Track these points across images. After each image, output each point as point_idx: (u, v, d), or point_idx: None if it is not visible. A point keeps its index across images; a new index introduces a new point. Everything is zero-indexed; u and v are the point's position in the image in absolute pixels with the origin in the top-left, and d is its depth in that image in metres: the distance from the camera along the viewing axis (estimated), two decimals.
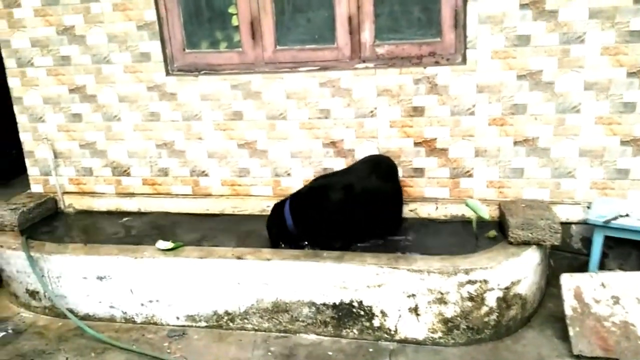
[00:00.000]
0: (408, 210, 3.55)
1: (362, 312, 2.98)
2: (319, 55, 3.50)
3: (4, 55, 3.91)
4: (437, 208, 3.55)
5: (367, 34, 3.39)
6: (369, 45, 3.41)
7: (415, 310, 2.92)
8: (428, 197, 3.57)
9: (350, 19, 3.37)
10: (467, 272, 2.84)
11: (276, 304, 3.07)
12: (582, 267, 3.26)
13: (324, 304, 3.01)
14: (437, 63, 3.36)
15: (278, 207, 3.36)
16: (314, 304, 3.02)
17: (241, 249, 3.16)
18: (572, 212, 3.37)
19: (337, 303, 2.99)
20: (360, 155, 3.58)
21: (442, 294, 2.87)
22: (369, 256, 2.98)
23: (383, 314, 2.96)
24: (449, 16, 3.27)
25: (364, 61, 3.45)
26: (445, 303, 2.89)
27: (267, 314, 3.10)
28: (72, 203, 4.10)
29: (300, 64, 3.53)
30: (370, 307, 2.96)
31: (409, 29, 3.38)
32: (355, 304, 2.97)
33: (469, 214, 3.34)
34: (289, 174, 3.73)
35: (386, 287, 2.91)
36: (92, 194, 4.07)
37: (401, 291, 2.90)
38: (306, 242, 3.27)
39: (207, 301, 3.17)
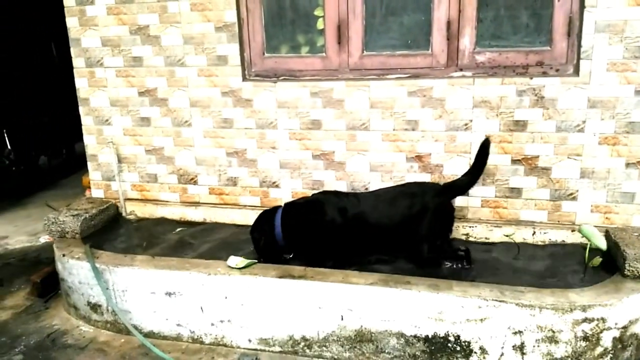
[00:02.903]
0: (503, 235, 3.22)
1: (458, 348, 2.66)
2: (411, 62, 3.23)
3: (72, 54, 3.76)
4: (534, 233, 3.21)
5: (466, 40, 3.11)
6: (468, 53, 3.13)
7: (520, 348, 2.60)
8: (524, 220, 3.24)
9: (449, 24, 3.09)
10: (584, 309, 2.51)
11: (360, 333, 2.78)
12: None
13: (415, 336, 2.71)
14: (545, 74, 3.05)
15: (267, 215, 3.17)
16: (403, 335, 2.72)
17: (323, 270, 2.89)
18: None
19: (430, 336, 2.68)
20: (448, 172, 3.29)
21: (553, 332, 2.54)
22: (470, 286, 2.67)
23: (483, 350, 2.64)
24: (562, 23, 2.97)
25: (461, 69, 3.16)
26: (556, 342, 2.56)
27: (349, 342, 2.81)
28: (134, 210, 3.90)
29: (388, 71, 3.27)
30: (469, 342, 2.64)
31: (514, 35, 3.09)
32: (452, 338, 2.66)
33: (572, 239, 3.00)
34: (366, 188, 3.45)
35: (489, 321, 2.59)
36: (155, 201, 3.88)
37: (506, 327, 2.58)
38: (291, 256, 3.15)
39: (283, 324, 2.90)
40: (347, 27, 3.26)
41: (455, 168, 3.26)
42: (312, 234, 3.07)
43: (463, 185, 3.02)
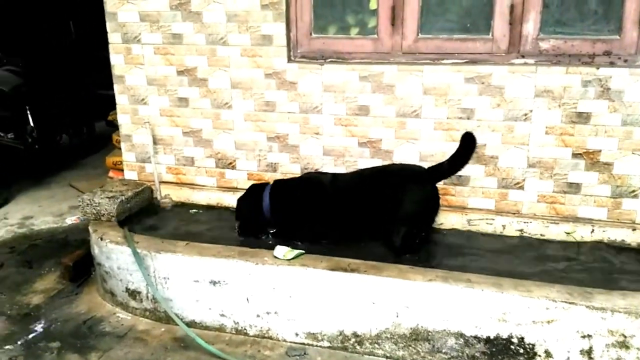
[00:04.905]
0: (563, 232, 3.09)
1: (521, 350, 2.55)
2: (469, 46, 3.07)
3: (108, 29, 3.60)
4: (593, 231, 3.07)
5: (530, 26, 2.94)
6: (531, 39, 2.96)
7: (588, 353, 2.48)
8: (582, 217, 3.11)
9: (512, 8, 2.93)
10: None
11: (416, 331, 2.67)
12: None
13: (475, 337, 2.59)
14: (612, 64, 2.89)
15: (256, 189, 3.21)
16: (462, 335, 2.61)
17: (378, 264, 2.77)
18: None
19: (492, 337, 2.57)
20: (504, 164, 3.15)
21: (625, 336, 2.42)
22: (534, 286, 2.54)
23: (547, 354, 2.52)
24: (633, 10, 2.80)
25: (523, 56, 3.00)
26: (627, 347, 2.44)
27: (404, 340, 2.70)
28: (169, 194, 3.77)
29: (444, 56, 3.11)
30: (533, 345, 2.53)
31: (581, 22, 2.92)
32: (515, 340, 2.54)
33: (632, 237, 2.86)
34: None
35: (557, 324, 2.47)
36: (191, 185, 3.74)
37: (575, 330, 2.46)
38: (273, 230, 3.19)
39: (332, 319, 2.79)
40: (402, 8, 3.09)
41: (511, 160, 3.12)
42: (300, 209, 3.09)
43: (447, 169, 2.96)
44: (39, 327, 3.07)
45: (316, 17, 3.28)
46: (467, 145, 2.87)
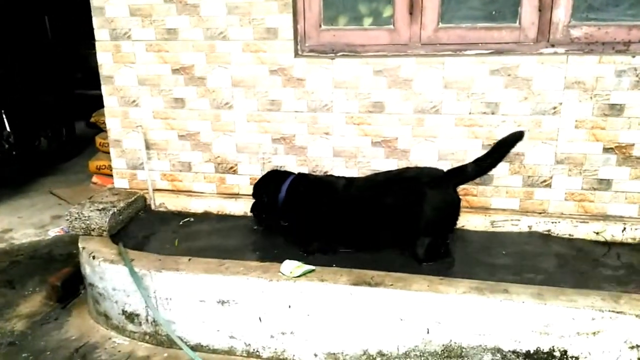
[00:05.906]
0: (592, 232, 2.89)
1: None
2: (494, 36, 2.84)
3: (95, 25, 3.28)
4: (624, 229, 2.88)
5: (561, 12, 2.73)
6: (561, 26, 2.75)
7: None
8: (612, 215, 2.92)
9: None
10: None
11: (448, 348, 2.44)
12: None
13: (514, 352, 2.37)
14: None
15: (277, 176, 3.03)
16: (499, 350, 2.38)
17: (405, 276, 2.52)
18: None
19: (532, 351, 2.35)
20: (530, 161, 2.94)
21: None
22: (579, 295, 2.33)
23: None
24: None
25: (552, 45, 2.79)
26: None
27: (435, 358, 2.47)
28: (164, 202, 3.47)
29: (467, 46, 2.89)
30: (577, 357, 2.32)
31: (616, 7, 2.73)
32: (557, 353, 2.33)
33: None
34: None
35: (603, 334, 2.26)
36: (188, 192, 3.45)
37: (622, 340, 2.26)
38: (285, 224, 3.05)
39: (355, 337, 2.54)
40: None
41: (538, 157, 2.92)
42: (313, 212, 2.88)
43: (470, 173, 2.69)
44: (25, 359, 2.75)
45: (326, 7, 3.03)
46: (502, 151, 2.64)
